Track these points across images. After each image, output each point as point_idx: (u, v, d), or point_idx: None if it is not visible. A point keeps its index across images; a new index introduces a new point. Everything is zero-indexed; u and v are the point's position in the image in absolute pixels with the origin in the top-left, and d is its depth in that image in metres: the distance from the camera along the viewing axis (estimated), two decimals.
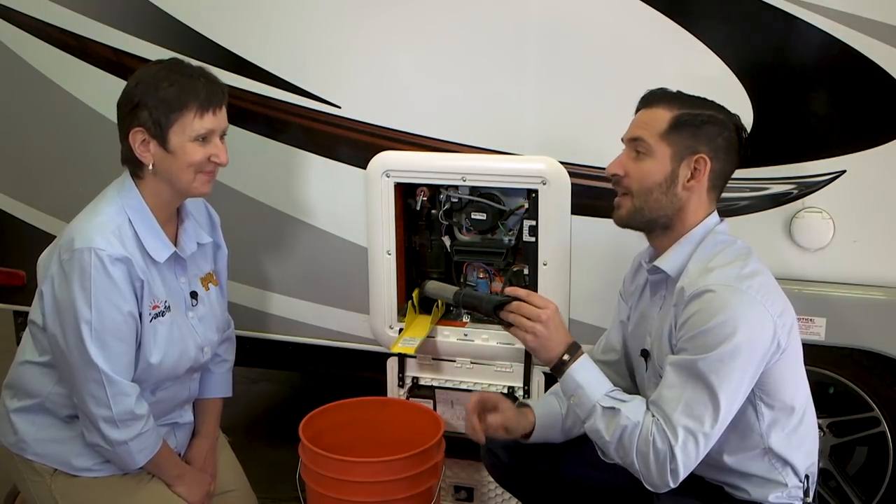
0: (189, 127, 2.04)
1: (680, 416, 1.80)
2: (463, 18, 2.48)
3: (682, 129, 1.91)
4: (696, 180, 1.91)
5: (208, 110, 2.05)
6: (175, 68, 2.07)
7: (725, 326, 1.78)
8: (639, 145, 1.94)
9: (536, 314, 1.95)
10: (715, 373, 1.78)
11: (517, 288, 2.04)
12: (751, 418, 1.90)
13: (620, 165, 1.97)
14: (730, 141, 1.94)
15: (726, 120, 1.95)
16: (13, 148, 2.99)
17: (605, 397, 1.90)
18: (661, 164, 1.92)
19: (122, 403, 2.04)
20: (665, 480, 1.81)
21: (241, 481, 2.42)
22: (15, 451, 2.17)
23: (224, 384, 2.41)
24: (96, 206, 2.10)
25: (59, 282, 2.02)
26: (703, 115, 1.92)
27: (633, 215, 1.97)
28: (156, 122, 2.02)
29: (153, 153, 2.05)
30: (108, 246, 2.00)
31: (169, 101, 2.02)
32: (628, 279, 2.19)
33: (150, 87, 2.03)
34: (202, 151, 2.06)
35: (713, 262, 1.88)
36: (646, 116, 1.96)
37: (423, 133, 2.58)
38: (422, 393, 2.71)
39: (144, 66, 2.14)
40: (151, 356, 2.10)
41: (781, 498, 1.95)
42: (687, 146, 1.91)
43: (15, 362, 2.20)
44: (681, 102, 1.94)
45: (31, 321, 2.15)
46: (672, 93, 1.98)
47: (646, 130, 1.93)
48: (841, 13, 2.21)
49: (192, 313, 2.21)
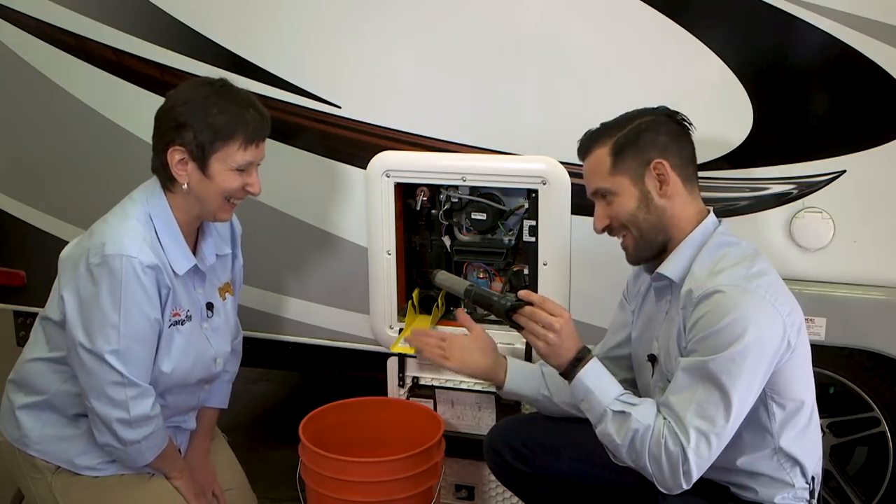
0: (231, 157, 2.04)
1: (692, 417, 1.80)
2: (463, 18, 2.48)
3: (624, 154, 1.94)
4: (667, 184, 1.93)
5: (253, 143, 2.06)
6: (226, 94, 2.05)
7: (736, 326, 1.78)
8: (602, 194, 1.98)
9: (549, 323, 1.96)
10: (726, 373, 1.78)
11: (531, 292, 2.04)
12: (762, 418, 1.90)
13: (601, 219, 2.00)
14: (670, 132, 1.96)
15: (655, 118, 1.97)
16: (13, 148, 2.99)
17: (615, 401, 1.90)
18: (629, 193, 1.94)
19: (140, 406, 2.05)
20: (678, 482, 1.81)
21: (239, 480, 2.42)
22: (18, 447, 2.17)
23: (222, 395, 2.41)
24: (125, 211, 2.09)
25: (86, 285, 2.02)
26: (632, 128, 1.95)
27: (639, 247, 1.98)
28: (199, 145, 2.02)
29: (189, 174, 2.05)
30: (140, 253, 2.00)
31: (216, 129, 2.02)
32: (631, 282, 2.19)
33: (199, 109, 2.02)
34: (239, 180, 2.07)
35: (720, 264, 1.88)
36: (589, 165, 2.00)
37: (423, 133, 2.58)
38: (422, 393, 2.71)
39: (192, 82, 2.13)
40: (164, 365, 2.10)
41: (787, 499, 1.94)
42: (638, 163, 1.93)
43: (23, 358, 2.20)
44: (609, 132, 1.97)
45: (46, 317, 2.14)
46: (596, 130, 2.01)
47: (596, 178, 1.98)
48: (841, 13, 2.21)
49: (206, 324, 2.21)
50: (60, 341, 2.10)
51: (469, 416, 2.68)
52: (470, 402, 2.67)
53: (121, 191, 2.18)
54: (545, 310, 1.98)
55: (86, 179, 2.90)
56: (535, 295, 2.03)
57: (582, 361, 1.95)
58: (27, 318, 3.11)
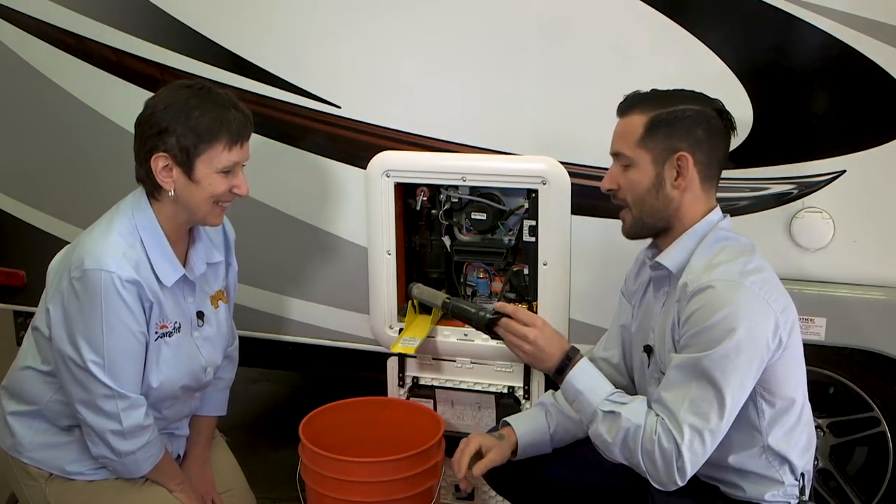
0: (217, 159, 2.02)
1: (685, 413, 1.81)
2: (463, 18, 2.48)
3: (657, 132, 1.91)
4: (683, 178, 1.92)
5: (237, 143, 2.04)
6: (207, 96, 2.03)
7: (728, 322, 1.79)
8: (621, 159, 1.96)
9: (524, 334, 1.99)
10: (719, 369, 1.79)
11: (504, 304, 2.07)
12: (751, 415, 1.90)
13: (612, 180, 1.99)
14: (711, 129, 1.93)
15: (702, 109, 1.93)
16: (13, 148, 2.98)
17: (605, 402, 1.91)
18: (646, 171, 1.93)
19: (132, 417, 2.05)
20: (673, 478, 1.82)
21: (238, 481, 2.42)
22: (11, 454, 2.17)
23: (219, 403, 2.40)
24: (110, 224, 2.06)
25: (70, 299, 2.01)
26: (676, 111, 1.92)
27: (635, 226, 1.99)
28: (183, 149, 1.99)
29: (175, 180, 2.02)
30: (118, 268, 1.98)
31: (199, 132, 1.99)
32: (631, 277, 2.19)
33: (180, 113, 1.99)
34: (225, 183, 2.05)
35: (717, 259, 1.88)
36: (622, 127, 1.97)
37: (423, 133, 2.58)
38: (422, 393, 2.71)
39: (171, 87, 2.08)
40: (152, 379, 2.09)
41: (777, 496, 1.95)
42: (665, 147, 1.91)
43: (16, 365, 2.19)
44: (654, 103, 1.94)
45: (36, 328, 2.13)
46: (644, 94, 1.98)
47: (623, 142, 1.95)
48: (841, 13, 2.21)
49: (197, 333, 2.20)
50: (50, 355, 2.09)
51: (469, 416, 2.68)
52: (470, 402, 2.68)
53: (120, 191, 2.17)
54: (518, 320, 2.00)
55: (85, 179, 2.90)
56: (508, 306, 2.05)
57: (570, 363, 1.96)
58: (27, 318, 3.11)
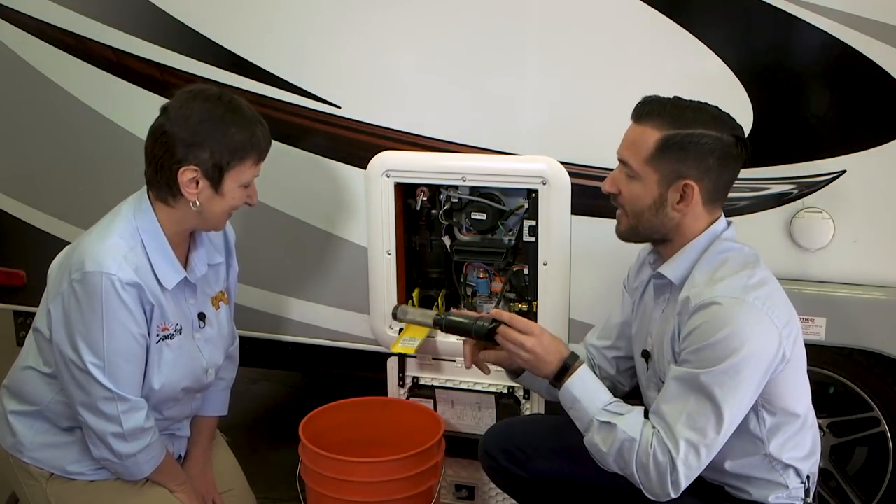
0: (244, 174, 2.05)
1: (682, 428, 1.79)
2: (463, 18, 2.48)
3: (668, 154, 1.86)
4: (686, 204, 1.88)
5: (262, 159, 2.08)
6: (238, 111, 2.03)
7: (731, 340, 1.76)
8: (627, 168, 1.92)
9: (521, 342, 1.98)
10: (719, 386, 1.77)
11: (500, 311, 2.06)
12: (752, 424, 1.89)
13: (614, 184, 1.95)
14: (724, 157, 1.86)
15: (719, 136, 1.85)
16: (13, 148, 2.99)
17: (601, 412, 1.90)
18: (649, 189, 1.89)
19: (133, 419, 2.05)
20: (666, 491, 1.81)
21: (239, 481, 2.42)
22: (12, 454, 2.17)
23: (220, 403, 2.39)
24: (110, 226, 2.06)
25: (70, 301, 2.00)
26: (692, 135, 1.84)
27: (630, 233, 1.97)
28: (217, 165, 2.00)
29: (200, 192, 2.02)
30: (119, 271, 1.98)
31: (234, 148, 2.01)
32: (633, 273, 2.18)
33: (217, 128, 1.99)
34: (244, 194, 2.09)
35: (720, 272, 1.85)
36: (633, 135, 1.91)
37: (423, 133, 2.58)
38: (422, 393, 2.71)
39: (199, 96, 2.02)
40: (154, 381, 2.09)
41: (782, 498, 1.94)
42: (673, 170, 1.86)
43: (17, 365, 2.18)
44: (671, 119, 1.86)
45: (37, 329, 2.13)
46: (663, 105, 1.89)
47: (631, 153, 1.90)
48: (841, 13, 2.21)
49: (198, 334, 2.20)
50: (51, 357, 2.09)
51: (469, 416, 2.68)
52: (470, 402, 2.67)
53: (120, 191, 2.17)
54: (515, 328, 1.99)
55: (85, 179, 2.90)
56: (504, 314, 2.04)
57: (568, 371, 1.95)
58: (27, 318, 3.11)
